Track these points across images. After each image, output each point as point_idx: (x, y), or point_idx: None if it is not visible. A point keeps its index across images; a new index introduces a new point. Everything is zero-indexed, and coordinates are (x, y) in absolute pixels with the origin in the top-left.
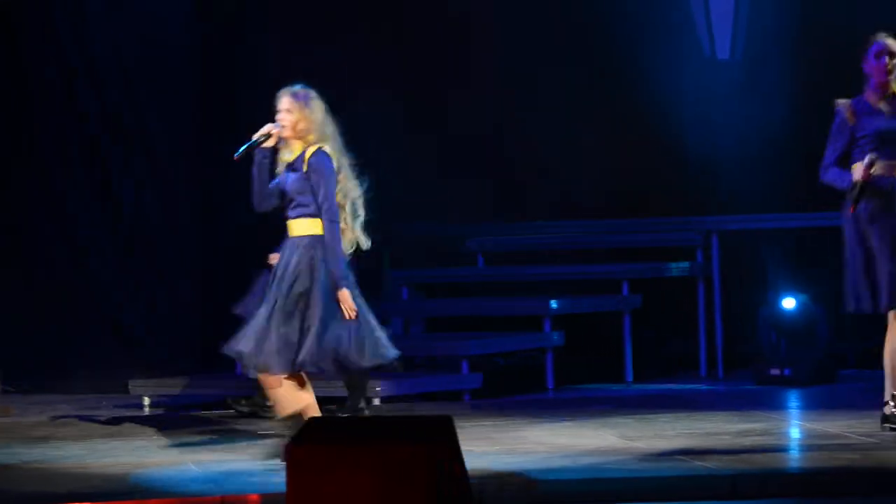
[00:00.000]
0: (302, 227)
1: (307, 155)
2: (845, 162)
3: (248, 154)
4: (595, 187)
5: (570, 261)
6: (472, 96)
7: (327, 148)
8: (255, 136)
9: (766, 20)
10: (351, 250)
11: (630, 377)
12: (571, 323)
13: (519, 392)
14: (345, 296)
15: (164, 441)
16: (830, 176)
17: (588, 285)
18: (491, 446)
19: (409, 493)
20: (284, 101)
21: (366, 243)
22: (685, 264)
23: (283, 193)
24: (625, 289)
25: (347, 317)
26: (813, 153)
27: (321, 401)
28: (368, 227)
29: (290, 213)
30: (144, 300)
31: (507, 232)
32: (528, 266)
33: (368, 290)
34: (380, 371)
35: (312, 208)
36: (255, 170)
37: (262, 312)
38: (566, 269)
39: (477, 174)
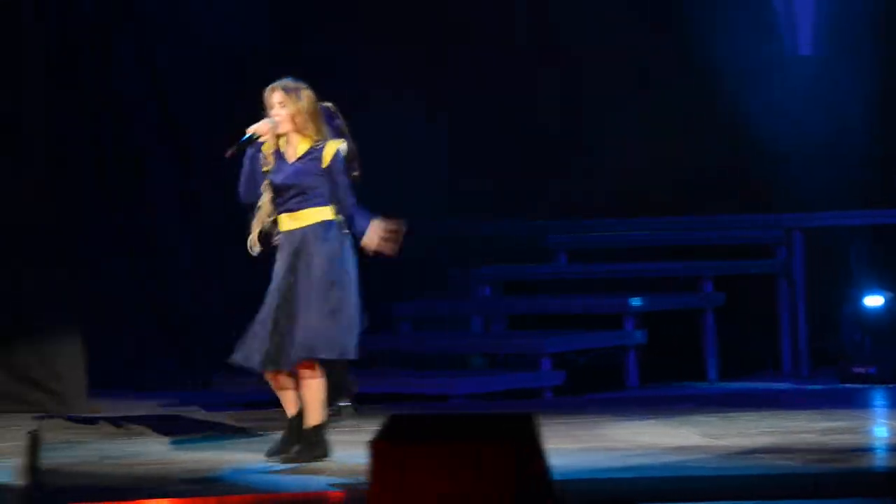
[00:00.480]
0: (315, 215)
1: (327, 153)
2: None
3: (241, 150)
4: (678, 183)
5: (652, 258)
6: (554, 94)
7: (343, 146)
8: (250, 132)
9: (849, 15)
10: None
11: (713, 375)
12: (653, 320)
13: (600, 390)
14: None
15: (246, 437)
16: None
17: (670, 283)
18: (573, 444)
19: (490, 490)
20: (277, 96)
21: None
22: (768, 261)
23: (280, 186)
24: (707, 286)
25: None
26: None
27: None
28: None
29: (295, 204)
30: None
31: (589, 229)
32: (610, 263)
33: (451, 287)
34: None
35: (325, 200)
36: (247, 162)
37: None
38: (648, 266)
39: (559, 171)
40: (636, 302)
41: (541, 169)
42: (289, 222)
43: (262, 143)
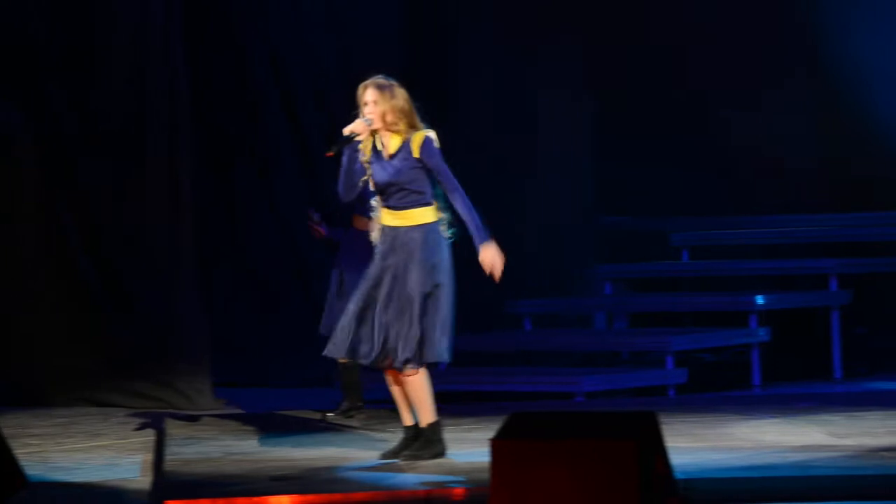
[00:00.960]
0: (416, 216)
1: (415, 143)
2: None
3: (340, 150)
4: (803, 180)
5: (776, 255)
6: (683, 91)
7: (431, 134)
8: (346, 132)
9: None
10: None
11: (839, 374)
12: (778, 319)
13: (724, 388)
14: (491, 247)
15: (368, 435)
16: None
17: (795, 280)
18: (696, 442)
19: (612, 488)
20: (369, 94)
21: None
22: (895, 259)
23: (380, 184)
24: (833, 284)
25: (496, 271)
26: None
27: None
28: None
29: (397, 202)
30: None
31: (713, 226)
32: (734, 261)
33: (572, 284)
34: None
35: (427, 196)
36: (345, 161)
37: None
38: (773, 263)
39: (682, 168)
40: (761, 300)
41: (665, 166)
42: (390, 219)
43: (360, 143)
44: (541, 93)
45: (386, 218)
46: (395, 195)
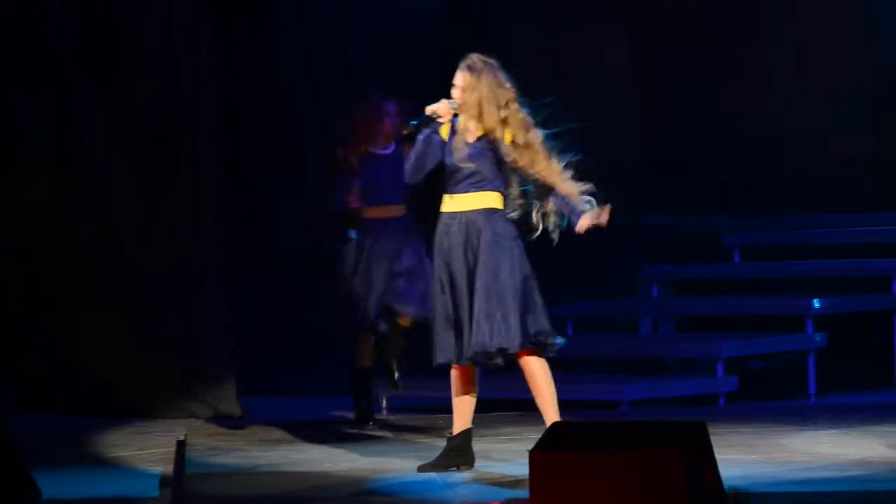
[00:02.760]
0: (483, 199)
1: (506, 138)
2: None
3: (417, 130)
4: (862, 177)
5: (833, 256)
6: (736, 82)
7: (521, 115)
8: (428, 112)
9: None
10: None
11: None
12: (836, 323)
13: (778, 397)
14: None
15: (404, 445)
16: None
17: (854, 283)
18: (747, 454)
19: (659, 501)
20: (458, 77)
21: (540, 227)
22: None
23: (452, 167)
24: (895, 286)
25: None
26: None
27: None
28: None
29: (465, 187)
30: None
31: (766, 226)
32: (789, 262)
33: (616, 287)
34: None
35: (494, 185)
36: (419, 142)
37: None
38: (830, 264)
39: (734, 164)
40: (818, 303)
41: (718, 163)
42: (455, 205)
43: (440, 125)
44: (584, 81)
45: (449, 204)
46: (464, 181)
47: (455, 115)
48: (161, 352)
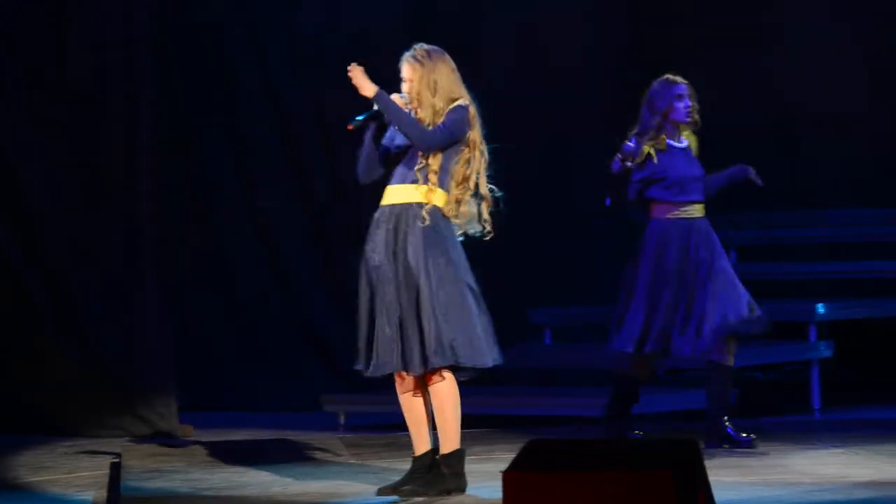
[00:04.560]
0: (409, 193)
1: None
2: None
3: (364, 125)
4: (871, 170)
5: (840, 257)
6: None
7: (466, 100)
8: (376, 106)
9: None
10: (475, 230)
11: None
12: (842, 331)
13: (779, 412)
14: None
15: (361, 466)
16: None
17: (862, 286)
18: (744, 476)
19: None
20: (405, 69)
21: (484, 228)
22: None
23: (397, 151)
24: None
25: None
26: None
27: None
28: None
29: (398, 178)
30: (344, 306)
31: (766, 222)
32: (790, 263)
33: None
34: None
35: (423, 177)
36: (367, 139)
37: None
38: (836, 266)
39: (729, 155)
40: (823, 309)
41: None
42: (393, 196)
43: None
44: (577, 67)
45: (387, 195)
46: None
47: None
48: (93, 364)
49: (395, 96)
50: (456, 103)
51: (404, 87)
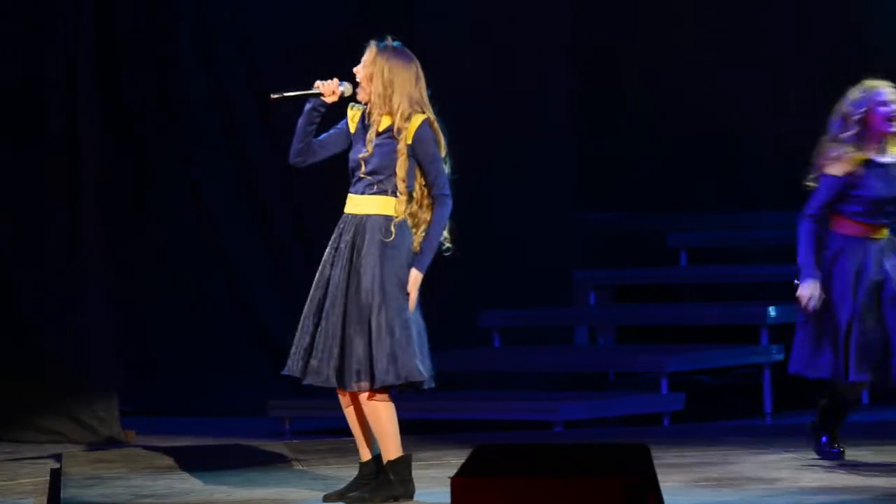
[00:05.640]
0: (373, 204)
1: (411, 126)
2: None
3: (294, 100)
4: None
5: (790, 259)
6: (676, 59)
7: (432, 116)
8: (316, 86)
9: None
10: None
11: (865, 399)
12: (793, 334)
13: (729, 416)
14: (417, 281)
15: (308, 473)
16: None
17: None
18: (696, 481)
19: None
20: (366, 54)
21: (444, 243)
22: None
23: (354, 163)
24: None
25: (411, 308)
26: None
27: None
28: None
29: (363, 187)
30: (293, 311)
31: (716, 224)
32: (742, 265)
33: (549, 293)
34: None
35: (390, 186)
36: (302, 118)
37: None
38: (787, 269)
39: (680, 155)
40: (774, 311)
41: (660, 153)
42: (353, 206)
43: (323, 104)
44: (515, 59)
45: (348, 205)
46: (362, 179)
47: (357, 102)
48: (31, 366)
49: (333, 80)
50: (420, 119)
51: (357, 68)
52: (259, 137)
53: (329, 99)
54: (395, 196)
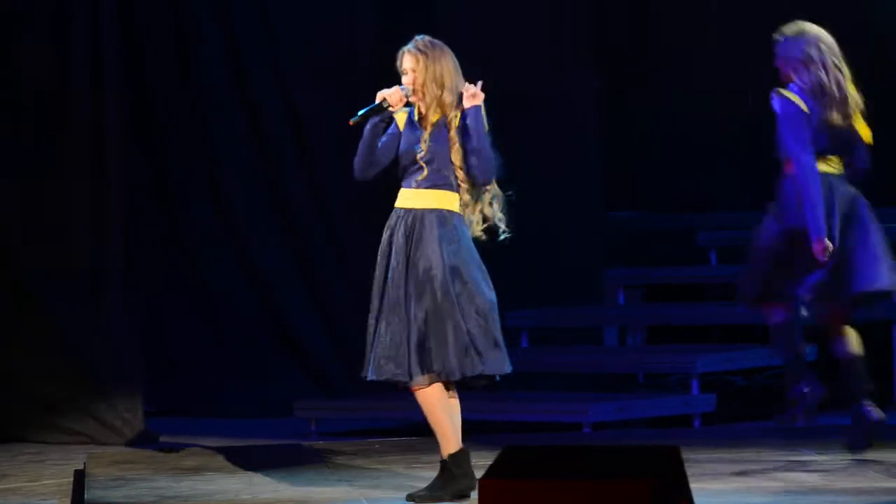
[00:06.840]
0: (430, 198)
1: (454, 118)
2: None
3: (365, 120)
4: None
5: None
6: (704, 56)
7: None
8: (378, 99)
9: None
10: (480, 228)
11: None
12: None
13: (761, 418)
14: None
15: (333, 473)
16: None
17: None
18: (726, 483)
19: None
20: (408, 60)
21: (500, 222)
22: None
23: (403, 155)
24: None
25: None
26: None
27: None
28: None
29: (418, 181)
30: (319, 310)
31: (747, 223)
32: None
33: (578, 293)
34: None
35: (447, 178)
36: (367, 133)
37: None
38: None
39: (709, 153)
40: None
41: (692, 153)
42: (406, 200)
43: (391, 114)
44: (538, 62)
45: (402, 199)
46: (416, 172)
47: (409, 105)
48: (55, 367)
49: (395, 89)
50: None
51: (405, 78)
52: (285, 137)
53: (396, 107)
54: (452, 190)
